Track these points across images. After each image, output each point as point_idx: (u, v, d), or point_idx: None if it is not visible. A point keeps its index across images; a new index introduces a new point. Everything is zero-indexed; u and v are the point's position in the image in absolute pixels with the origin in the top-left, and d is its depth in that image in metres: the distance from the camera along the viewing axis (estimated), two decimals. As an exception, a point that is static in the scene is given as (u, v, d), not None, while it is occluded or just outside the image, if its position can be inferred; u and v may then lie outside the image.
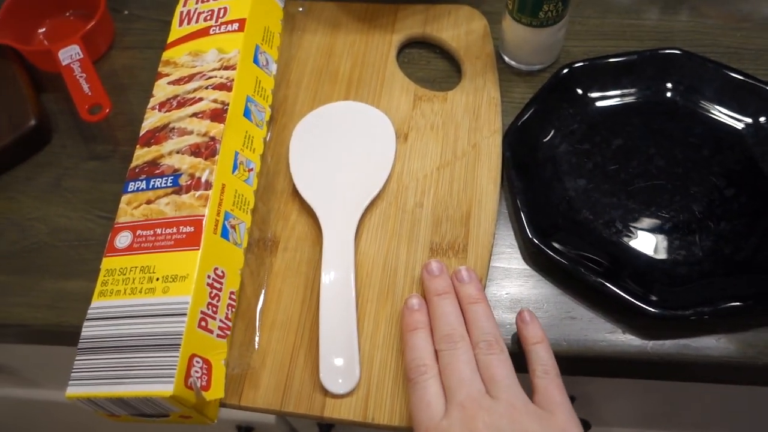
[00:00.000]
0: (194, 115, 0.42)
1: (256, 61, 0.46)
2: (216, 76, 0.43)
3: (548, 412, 0.33)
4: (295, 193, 0.45)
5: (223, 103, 0.42)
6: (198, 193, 0.39)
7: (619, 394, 0.56)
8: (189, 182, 0.39)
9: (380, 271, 0.42)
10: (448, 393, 0.34)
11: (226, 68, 0.44)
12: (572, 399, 0.53)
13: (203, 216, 0.38)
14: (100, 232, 0.45)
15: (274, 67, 0.48)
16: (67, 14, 0.55)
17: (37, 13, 0.54)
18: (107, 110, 0.46)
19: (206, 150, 0.40)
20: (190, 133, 0.41)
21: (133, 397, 0.34)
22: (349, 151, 0.46)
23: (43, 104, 0.50)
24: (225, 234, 0.39)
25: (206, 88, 0.43)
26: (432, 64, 0.52)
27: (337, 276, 0.40)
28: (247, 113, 0.44)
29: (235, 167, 0.41)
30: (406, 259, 0.42)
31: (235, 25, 0.45)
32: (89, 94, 0.46)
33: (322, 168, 0.45)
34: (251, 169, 0.43)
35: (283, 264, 0.42)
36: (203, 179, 0.39)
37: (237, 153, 0.42)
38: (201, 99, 0.43)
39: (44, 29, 0.54)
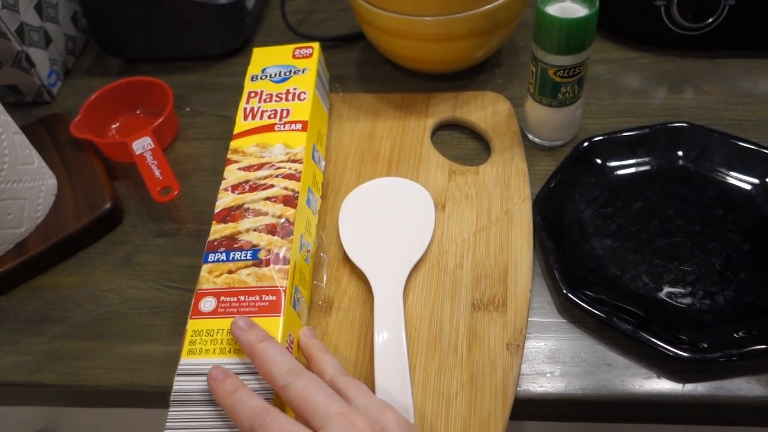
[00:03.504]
0: (267, 198, 0.47)
1: (313, 158, 0.52)
2: (284, 167, 0.49)
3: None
4: (346, 259, 0.49)
5: (293, 190, 0.47)
6: (277, 267, 0.43)
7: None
8: (267, 257, 0.44)
9: (427, 325, 0.45)
10: (314, 414, 0.34)
11: (293, 161, 0.49)
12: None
13: (284, 287, 0.42)
14: (168, 300, 0.50)
15: (323, 164, 0.54)
16: (137, 112, 0.62)
17: (112, 112, 0.61)
18: (176, 192, 0.51)
19: (281, 230, 0.45)
20: (265, 214, 0.46)
21: None
22: (393, 219, 0.51)
23: (116, 189, 0.56)
24: (294, 305, 0.43)
25: (276, 176, 0.48)
26: (463, 144, 0.58)
27: (389, 331, 0.44)
28: (308, 202, 0.49)
29: (300, 248, 0.46)
30: (450, 314, 0.45)
31: (299, 125, 0.51)
32: (160, 178, 0.52)
33: (368, 235, 0.50)
34: (309, 250, 0.48)
35: (337, 323, 0.46)
36: (281, 255, 0.44)
37: (302, 235, 0.47)
38: (272, 186, 0.48)
39: (117, 125, 0.61)
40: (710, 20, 0.59)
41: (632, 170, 0.53)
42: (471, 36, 0.57)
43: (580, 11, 0.48)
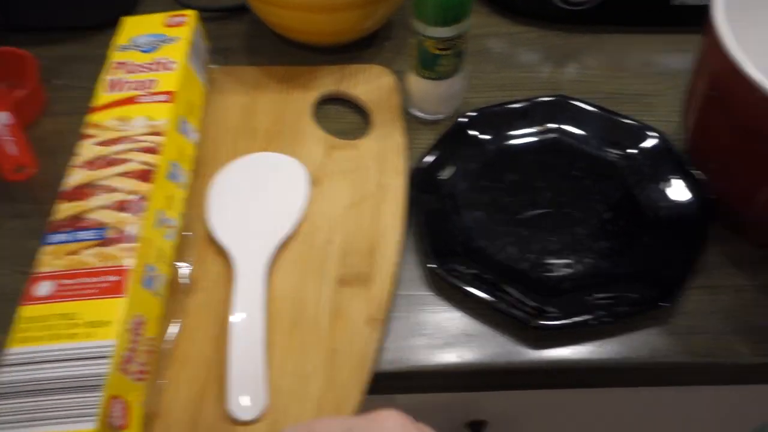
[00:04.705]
0: (122, 174, 0.45)
1: (181, 130, 0.50)
2: (144, 141, 0.47)
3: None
4: (212, 239, 0.48)
5: (151, 164, 0.46)
6: (123, 245, 0.41)
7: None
8: (115, 236, 0.42)
9: (291, 303, 0.44)
10: None
11: (155, 134, 0.47)
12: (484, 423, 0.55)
13: (129, 267, 0.40)
14: (16, 288, 0.46)
15: (195, 136, 0.52)
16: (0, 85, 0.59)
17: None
18: (33, 170, 0.49)
19: (134, 207, 0.43)
20: (117, 190, 0.44)
21: None
22: (264, 195, 0.49)
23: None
24: (147, 284, 0.42)
25: (134, 150, 0.46)
26: (346, 118, 0.57)
27: (246, 310, 0.43)
28: (170, 176, 0.47)
29: (158, 224, 0.44)
30: (315, 291, 0.45)
31: (164, 96, 0.49)
32: (15, 155, 0.49)
33: (236, 213, 0.48)
34: (172, 226, 0.46)
35: (198, 303, 0.45)
36: (129, 233, 0.42)
37: (161, 211, 0.45)
38: (129, 160, 0.46)
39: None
40: (590, -5, 0.59)
41: (509, 143, 0.53)
42: (356, 6, 0.55)
43: (454, -18, 0.48)
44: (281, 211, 0.49)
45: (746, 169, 0.39)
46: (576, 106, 0.53)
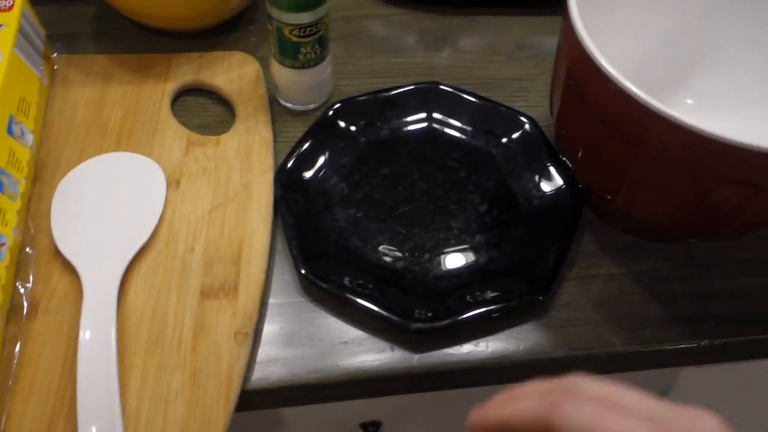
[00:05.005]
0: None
1: (9, 131, 0.44)
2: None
3: None
4: (58, 253, 0.43)
5: None
6: None
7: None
8: None
9: (149, 321, 0.40)
10: None
11: None
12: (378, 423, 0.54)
13: None
14: None
15: (30, 138, 0.46)
16: None
17: None
18: None
19: None
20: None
21: None
22: (116, 201, 0.45)
23: None
24: None
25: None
26: (208, 110, 0.53)
27: (96, 330, 0.38)
28: None
29: None
30: (176, 306, 0.41)
31: None
32: None
33: (85, 223, 0.43)
34: (3, 244, 0.40)
35: (42, 328, 0.40)
36: None
37: None
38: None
39: None
40: (460, -25, 0.58)
41: (382, 134, 0.51)
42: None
43: (310, -37, 0.44)
44: (136, 218, 0.44)
45: (605, 160, 0.39)
46: (450, 92, 0.52)
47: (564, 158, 0.46)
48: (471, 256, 0.44)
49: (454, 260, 0.44)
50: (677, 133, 0.32)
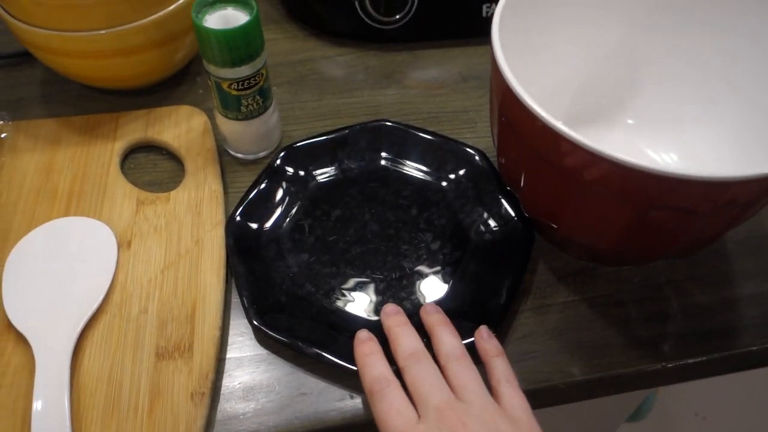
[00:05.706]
0: None
1: None
2: None
3: (516, 416, 0.35)
4: (11, 326, 0.42)
5: None
6: None
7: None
8: None
9: (105, 388, 0.40)
10: (419, 401, 0.35)
11: None
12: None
13: None
14: None
15: None
16: None
17: None
18: None
19: None
20: None
21: None
22: (67, 269, 0.45)
23: None
24: None
25: None
26: (159, 167, 0.53)
27: (48, 402, 0.38)
28: None
29: None
30: (131, 370, 0.41)
31: None
32: None
33: (37, 292, 0.43)
34: None
35: (-4, 404, 0.40)
36: None
37: None
38: None
39: None
40: (399, 16, 0.59)
41: (333, 176, 0.51)
42: (152, 47, 0.51)
43: (242, 18, 0.45)
44: (87, 283, 0.44)
45: (544, 191, 0.40)
46: (398, 129, 0.52)
47: (510, 188, 0.47)
48: (424, 297, 0.44)
49: (407, 301, 0.44)
50: (601, 164, 0.33)
